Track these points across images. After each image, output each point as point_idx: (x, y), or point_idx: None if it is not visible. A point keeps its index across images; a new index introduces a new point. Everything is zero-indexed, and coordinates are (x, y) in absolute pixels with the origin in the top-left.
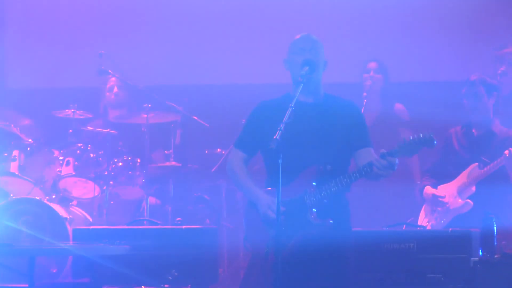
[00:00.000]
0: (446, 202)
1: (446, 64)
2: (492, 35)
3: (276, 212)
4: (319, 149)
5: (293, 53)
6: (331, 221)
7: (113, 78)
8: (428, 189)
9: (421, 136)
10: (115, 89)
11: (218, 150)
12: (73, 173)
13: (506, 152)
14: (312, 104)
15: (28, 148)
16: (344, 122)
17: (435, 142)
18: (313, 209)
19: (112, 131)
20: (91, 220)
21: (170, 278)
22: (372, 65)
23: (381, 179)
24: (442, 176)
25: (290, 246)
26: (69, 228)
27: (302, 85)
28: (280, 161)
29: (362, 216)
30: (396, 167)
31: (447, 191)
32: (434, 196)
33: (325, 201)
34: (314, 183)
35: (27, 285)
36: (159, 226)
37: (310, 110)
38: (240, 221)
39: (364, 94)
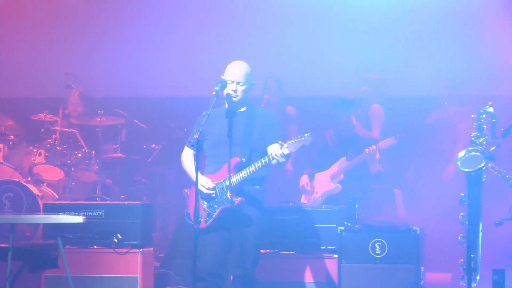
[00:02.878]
0: (324, 182)
1: (328, 80)
2: (363, 59)
3: (195, 190)
4: (240, 146)
5: (226, 75)
6: (242, 199)
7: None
8: (303, 179)
9: (300, 138)
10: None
11: (153, 145)
12: (44, 161)
13: (367, 150)
14: (237, 113)
15: (11, 143)
16: (261, 127)
17: (310, 143)
18: (231, 190)
19: (74, 130)
20: (57, 196)
21: (116, 240)
22: (270, 82)
23: (282, 166)
24: (319, 166)
25: (214, 216)
26: (40, 203)
27: (216, 98)
28: (198, 154)
29: None
30: (288, 158)
31: (323, 177)
32: (307, 184)
33: (240, 184)
34: (233, 171)
35: (7, 245)
36: (108, 202)
37: (236, 117)
38: (169, 198)
39: (262, 105)
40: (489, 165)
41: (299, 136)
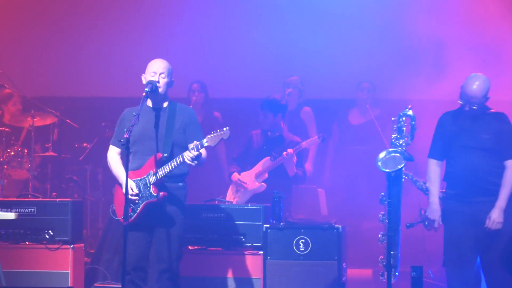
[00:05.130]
0: (247, 185)
1: (258, 83)
2: (285, 62)
3: (125, 189)
4: (161, 141)
5: (148, 73)
6: (165, 194)
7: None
8: (235, 175)
9: (219, 132)
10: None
11: (85, 144)
12: None
13: (284, 153)
14: (159, 109)
15: None
16: (181, 122)
17: (228, 137)
18: (153, 185)
19: (7, 129)
20: None
21: (47, 236)
22: (195, 86)
23: (200, 165)
24: (244, 164)
25: (138, 211)
26: None
27: (147, 98)
28: (128, 153)
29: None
30: (199, 158)
31: (248, 176)
32: (239, 180)
33: (162, 179)
34: (156, 167)
35: None
36: (40, 199)
37: (157, 114)
38: (99, 195)
39: (191, 106)
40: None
41: (218, 130)
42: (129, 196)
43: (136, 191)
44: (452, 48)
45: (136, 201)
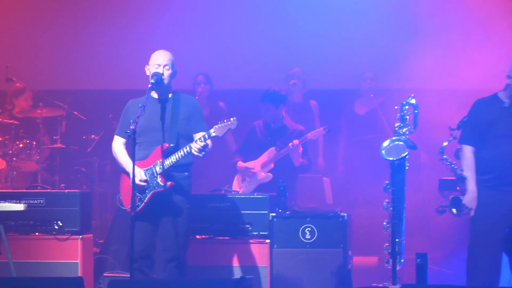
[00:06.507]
0: (255, 171)
1: (261, 74)
2: (288, 53)
3: (132, 179)
4: (167, 132)
5: (152, 65)
6: (173, 183)
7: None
8: (241, 164)
9: (226, 122)
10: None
11: (92, 136)
12: None
13: (290, 144)
14: (163, 100)
15: None
16: (185, 112)
17: (236, 127)
18: (161, 175)
19: (16, 122)
20: None
21: (56, 227)
22: (200, 78)
23: (204, 155)
24: (248, 155)
25: (146, 200)
26: None
27: (152, 89)
28: (134, 143)
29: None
30: (206, 149)
31: (254, 166)
32: (246, 168)
33: (168, 169)
34: (163, 157)
35: None
36: (48, 190)
37: (162, 105)
38: (107, 186)
39: (197, 97)
40: (444, 156)
41: (225, 121)
42: (138, 182)
43: (144, 177)
44: (458, 36)
45: (144, 191)
